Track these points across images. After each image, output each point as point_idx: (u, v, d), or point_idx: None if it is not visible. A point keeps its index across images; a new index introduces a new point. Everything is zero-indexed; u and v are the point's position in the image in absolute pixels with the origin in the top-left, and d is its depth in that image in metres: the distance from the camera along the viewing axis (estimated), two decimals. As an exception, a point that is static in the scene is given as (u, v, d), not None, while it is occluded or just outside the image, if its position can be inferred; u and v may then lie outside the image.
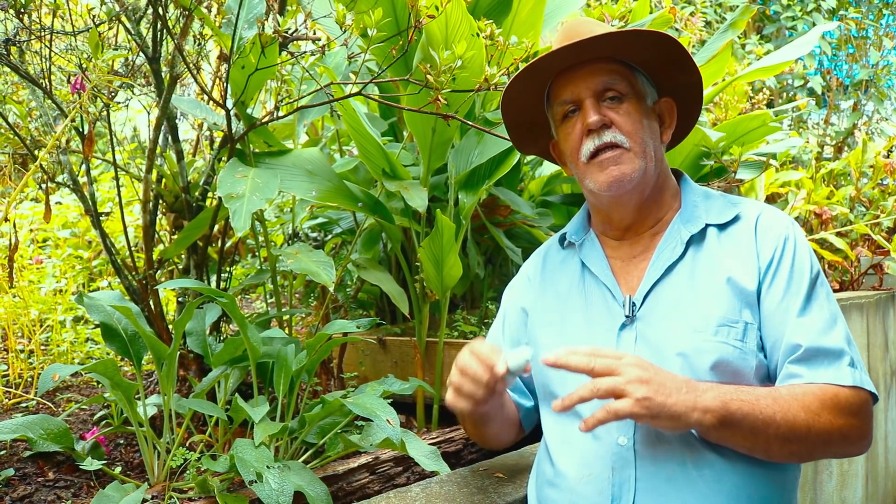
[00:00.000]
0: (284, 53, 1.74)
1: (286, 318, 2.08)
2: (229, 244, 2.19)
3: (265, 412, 1.47)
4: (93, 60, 1.62)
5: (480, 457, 1.86)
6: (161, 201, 2.05)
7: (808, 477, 2.78)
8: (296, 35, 1.74)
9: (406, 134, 2.22)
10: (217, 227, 1.97)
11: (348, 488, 1.58)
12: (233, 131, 1.81)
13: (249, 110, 1.84)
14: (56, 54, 1.86)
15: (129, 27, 1.86)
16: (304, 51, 1.80)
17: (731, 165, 2.47)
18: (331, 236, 2.60)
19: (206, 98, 2.04)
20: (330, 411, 1.56)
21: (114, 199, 3.22)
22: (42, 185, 2.12)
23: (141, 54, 1.86)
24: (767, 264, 1.25)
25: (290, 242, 2.23)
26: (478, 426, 1.45)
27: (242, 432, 1.66)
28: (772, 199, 3.78)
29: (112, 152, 2.04)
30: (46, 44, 1.74)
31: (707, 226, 1.32)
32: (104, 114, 1.91)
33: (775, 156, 2.75)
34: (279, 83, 1.75)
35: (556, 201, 2.68)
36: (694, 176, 2.55)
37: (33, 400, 2.03)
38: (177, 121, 2.12)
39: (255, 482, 1.30)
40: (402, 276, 2.16)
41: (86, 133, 1.81)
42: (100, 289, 3.13)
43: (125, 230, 2.01)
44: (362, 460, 1.64)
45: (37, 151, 1.87)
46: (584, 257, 1.41)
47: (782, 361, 1.21)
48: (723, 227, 1.32)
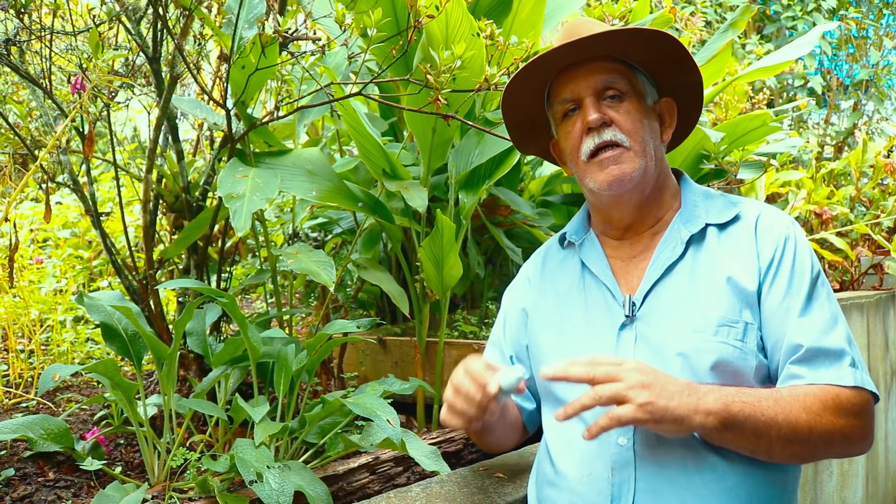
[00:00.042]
0: (285, 53, 1.74)
1: (286, 318, 2.08)
2: (229, 244, 2.19)
3: (265, 412, 1.47)
4: (93, 60, 1.62)
5: (480, 457, 1.86)
6: (161, 201, 2.05)
7: (809, 477, 2.78)
8: (296, 35, 1.75)
9: (406, 134, 2.23)
10: (217, 227, 1.97)
11: (348, 488, 1.58)
12: (233, 131, 1.81)
13: (250, 110, 1.84)
14: (56, 54, 1.86)
15: (130, 27, 1.86)
16: (305, 51, 1.80)
17: (732, 168, 2.47)
18: (331, 236, 2.60)
19: (206, 98, 2.04)
20: (330, 411, 1.56)
21: (114, 199, 3.22)
22: (42, 185, 2.12)
23: (141, 54, 1.86)
24: (768, 264, 1.25)
25: (290, 242, 2.23)
26: (479, 435, 1.46)
27: (243, 432, 1.66)
28: (772, 199, 3.78)
29: (112, 152, 2.04)
30: (47, 44, 1.74)
31: (707, 225, 1.32)
32: (104, 114, 1.91)
33: (775, 156, 2.75)
34: (279, 83, 1.75)
35: (557, 201, 2.68)
36: (694, 176, 2.55)
37: (33, 400, 2.03)
38: (177, 121, 2.12)
39: (256, 482, 1.30)
40: (403, 276, 2.16)
41: (86, 133, 1.81)
42: (100, 289, 3.13)
43: (125, 230, 2.01)
44: (362, 460, 1.64)
45: (37, 151, 1.87)
46: (584, 257, 1.41)
47: (783, 362, 1.21)
48: (723, 226, 1.32)
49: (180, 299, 2.06)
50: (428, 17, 1.57)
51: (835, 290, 3.77)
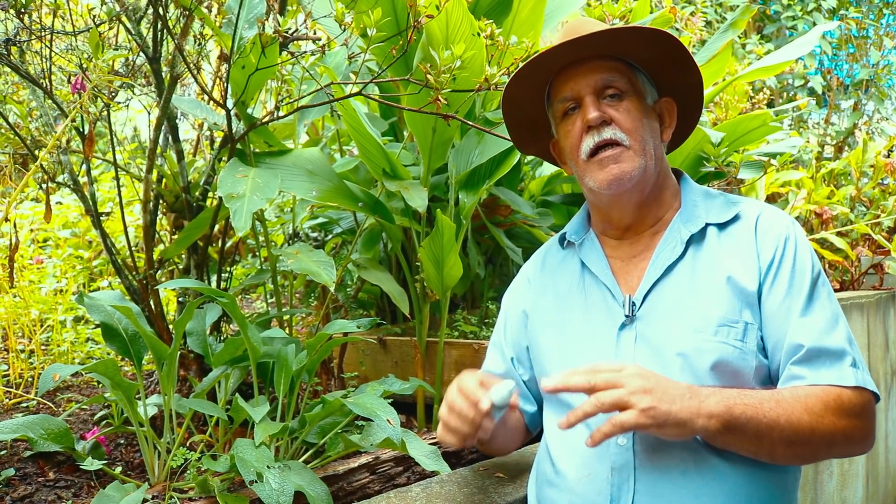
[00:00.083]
0: (285, 53, 1.74)
1: (286, 317, 2.08)
2: (230, 244, 2.19)
3: (265, 412, 1.47)
4: (93, 60, 1.62)
5: (480, 457, 1.86)
6: (161, 201, 2.05)
7: (809, 477, 2.78)
8: (296, 35, 1.75)
9: (406, 134, 2.23)
10: (217, 227, 1.97)
11: (349, 488, 1.58)
12: (233, 131, 1.81)
13: (250, 110, 1.84)
14: (56, 54, 1.86)
15: (130, 27, 1.86)
16: (305, 51, 1.80)
17: (732, 172, 2.48)
18: (331, 236, 2.61)
19: (206, 98, 2.04)
20: (330, 411, 1.56)
21: (114, 199, 3.22)
22: (42, 185, 2.12)
23: (141, 54, 1.86)
24: (768, 265, 1.25)
25: (290, 242, 2.23)
26: (481, 443, 1.45)
27: (243, 432, 1.66)
28: (772, 199, 3.78)
29: (112, 152, 2.04)
30: (47, 44, 1.74)
31: (707, 225, 1.32)
32: (104, 114, 1.91)
33: (775, 156, 2.75)
34: (279, 83, 1.75)
35: (557, 201, 2.68)
36: (694, 176, 2.55)
37: (34, 400, 2.03)
38: (177, 121, 2.12)
39: (256, 482, 1.30)
40: (403, 276, 2.16)
41: (86, 133, 1.81)
42: (100, 289, 3.13)
43: (125, 230, 2.01)
44: (363, 460, 1.64)
45: (37, 151, 1.87)
46: (584, 257, 1.41)
47: (784, 362, 1.21)
48: (723, 226, 1.32)
49: (180, 299, 2.06)
50: (428, 16, 1.57)
51: (835, 290, 3.76)
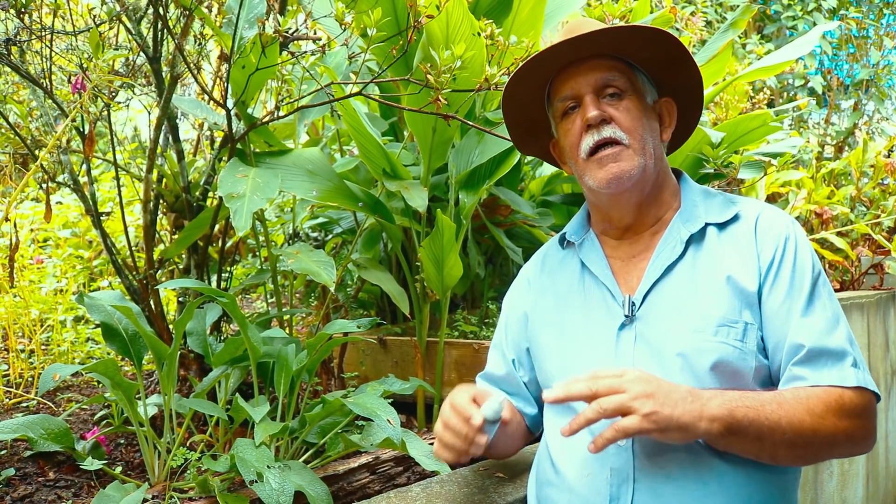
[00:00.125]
0: (285, 53, 1.74)
1: (287, 317, 2.08)
2: (230, 244, 2.19)
3: (266, 412, 1.47)
4: (93, 60, 1.62)
5: (480, 457, 1.85)
6: (162, 201, 2.05)
7: (809, 477, 2.78)
8: (296, 35, 1.75)
9: (406, 134, 2.23)
10: (218, 227, 1.97)
11: (349, 488, 1.58)
12: (233, 131, 1.81)
13: (250, 110, 1.84)
14: (57, 54, 1.86)
15: (130, 27, 1.86)
16: (305, 50, 1.80)
17: (731, 173, 2.48)
18: (331, 236, 2.61)
19: (206, 98, 2.04)
20: (330, 411, 1.56)
21: (114, 199, 3.22)
22: (43, 185, 2.12)
23: (141, 54, 1.86)
24: (768, 265, 1.25)
25: (290, 242, 2.23)
26: (484, 450, 1.45)
27: (243, 432, 1.66)
28: (772, 199, 3.77)
29: (113, 152, 2.04)
30: (47, 44, 1.74)
31: (707, 225, 1.32)
32: (105, 113, 1.91)
33: (775, 156, 2.75)
34: (280, 83, 1.75)
35: (557, 201, 2.68)
36: (694, 176, 2.55)
37: (34, 400, 2.03)
38: (177, 120, 2.12)
39: (256, 482, 1.30)
40: (403, 276, 2.16)
41: (86, 133, 1.81)
42: (100, 288, 3.13)
43: (126, 230, 2.01)
44: (363, 460, 1.64)
45: (37, 151, 1.87)
46: (584, 257, 1.41)
47: (785, 362, 1.21)
48: (722, 226, 1.32)
49: (180, 299, 2.06)
50: (428, 16, 1.57)
51: (835, 290, 3.76)
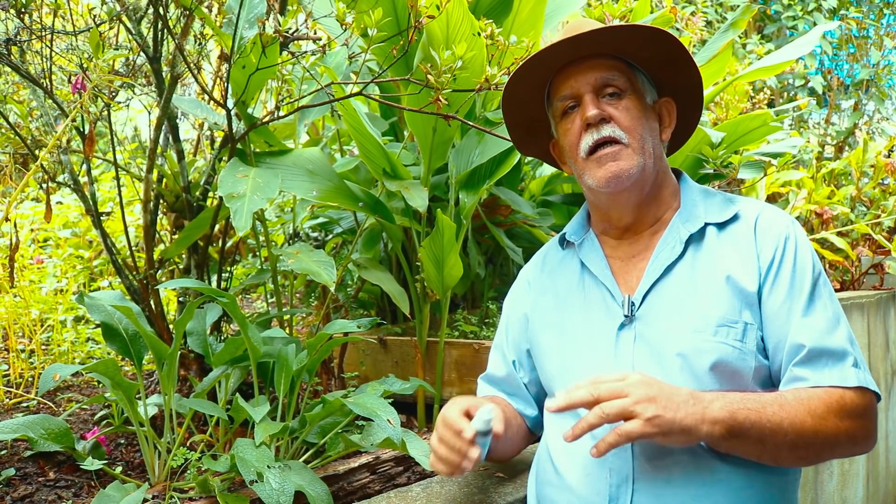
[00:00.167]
0: (285, 53, 1.74)
1: (287, 317, 2.08)
2: (230, 244, 2.19)
3: (266, 412, 1.47)
4: (93, 60, 1.62)
5: (481, 456, 1.86)
6: (162, 201, 2.05)
7: (809, 477, 2.78)
8: (296, 35, 1.75)
9: (407, 134, 2.23)
10: (218, 227, 1.97)
11: (349, 488, 1.58)
12: (233, 131, 1.81)
13: (250, 110, 1.84)
14: (57, 54, 1.86)
15: (130, 27, 1.86)
16: (305, 50, 1.80)
17: (731, 173, 2.48)
18: (331, 236, 2.61)
19: (206, 98, 2.04)
20: (331, 411, 1.56)
21: (114, 199, 3.22)
22: (43, 185, 2.12)
23: (142, 54, 1.86)
24: (768, 265, 1.25)
25: (290, 242, 2.23)
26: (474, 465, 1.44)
27: (243, 432, 1.66)
28: (773, 199, 3.77)
29: (113, 152, 2.04)
30: (47, 43, 1.74)
31: (706, 225, 1.32)
32: (105, 113, 1.91)
33: (776, 157, 2.75)
34: (280, 83, 1.75)
35: (557, 201, 2.68)
36: (694, 176, 2.55)
37: (34, 400, 2.03)
38: (177, 120, 2.12)
39: (256, 482, 1.30)
40: (403, 276, 2.16)
41: (86, 133, 1.81)
42: (100, 288, 3.13)
43: (126, 230, 2.01)
44: (363, 460, 1.64)
45: (38, 151, 1.87)
46: (584, 257, 1.41)
47: (786, 363, 1.21)
48: (722, 225, 1.32)
49: (181, 299, 2.06)
50: (428, 17, 1.57)
51: (835, 290, 3.76)
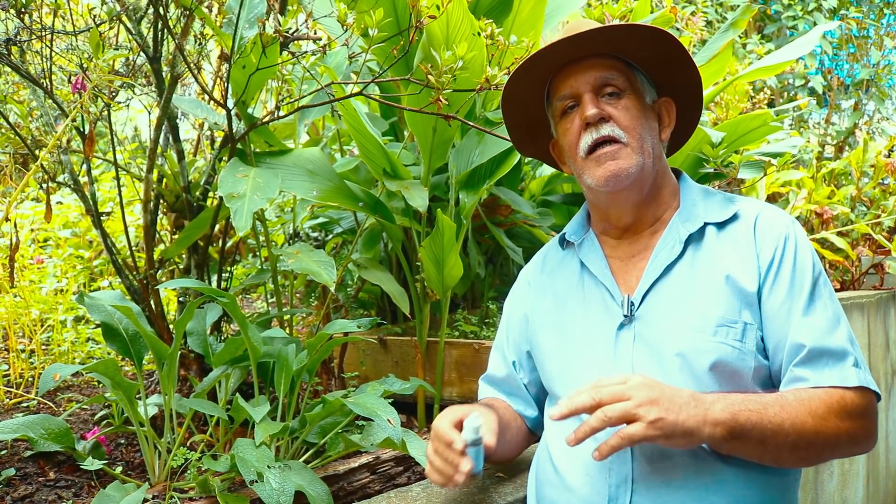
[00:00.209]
0: (285, 53, 1.74)
1: (287, 317, 2.08)
2: (230, 244, 2.19)
3: (266, 412, 1.47)
4: (94, 60, 1.62)
5: (481, 456, 1.86)
6: (162, 201, 2.05)
7: (809, 477, 2.78)
8: (297, 35, 1.75)
9: (407, 134, 2.23)
10: (218, 227, 1.97)
11: (349, 488, 1.58)
12: (234, 131, 1.81)
13: (250, 110, 1.84)
14: (57, 54, 1.86)
15: (130, 27, 1.86)
16: (305, 50, 1.80)
17: (731, 173, 2.48)
18: (332, 236, 2.60)
19: (206, 98, 2.04)
20: (331, 411, 1.56)
21: (115, 199, 3.22)
22: (43, 185, 2.13)
23: (142, 54, 1.86)
24: (768, 265, 1.25)
25: (290, 242, 2.23)
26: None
27: (243, 432, 1.66)
28: (773, 199, 3.77)
29: (113, 152, 2.04)
30: (47, 43, 1.74)
31: (706, 224, 1.32)
32: (105, 113, 1.91)
33: (776, 156, 2.75)
34: (280, 83, 1.75)
35: (557, 201, 2.68)
36: (694, 176, 2.55)
37: (34, 400, 2.03)
38: (178, 120, 2.12)
39: (256, 482, 1.30)
40: (403, 276, 2.16)
41: (86, 133, 1.81)
42: (100, 288, 3.13)
43: (126, 230, 2.01)
44: (363, 460, 1.64)
45: (38, 151, 1.87)
46: (583, 257, 1.41)
47: (787, 363, 1.21)
48: (721, 225, 1.32)
49: (181, 299, 2.06)
50: (429, 17, 1.57)
51: (835, 290, 3.76)
